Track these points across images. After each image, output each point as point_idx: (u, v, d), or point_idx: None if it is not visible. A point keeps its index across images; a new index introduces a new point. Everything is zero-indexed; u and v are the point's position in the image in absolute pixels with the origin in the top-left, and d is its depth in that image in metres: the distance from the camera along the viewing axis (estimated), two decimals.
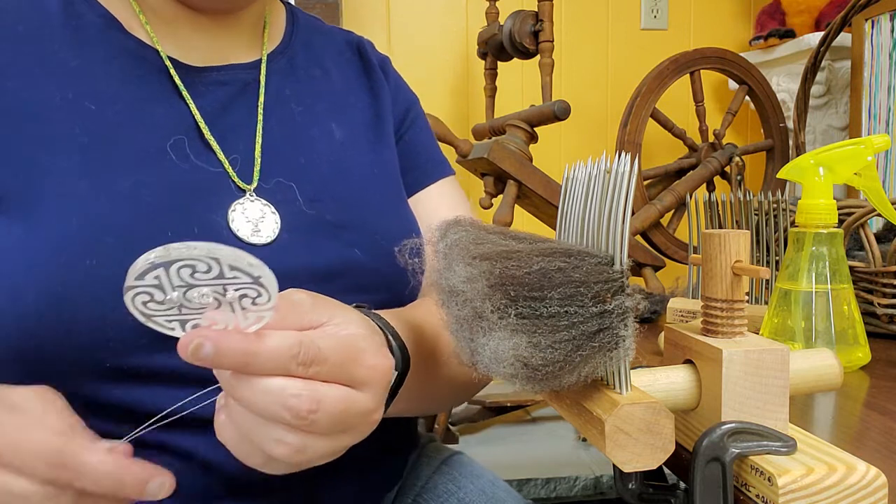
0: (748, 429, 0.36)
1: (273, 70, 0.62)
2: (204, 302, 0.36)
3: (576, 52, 1.94)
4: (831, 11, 1.67)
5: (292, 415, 0.36)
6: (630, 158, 0.36)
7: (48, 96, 0.52)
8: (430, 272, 0.44)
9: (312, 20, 0.71)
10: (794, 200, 0.67)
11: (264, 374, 0.36)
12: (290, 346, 0.36)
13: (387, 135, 0.68)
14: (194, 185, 0.54)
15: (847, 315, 0.60)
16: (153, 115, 0.55)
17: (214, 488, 0.53)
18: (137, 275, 0.35)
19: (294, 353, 0.36)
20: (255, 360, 0.35)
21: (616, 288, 0.35)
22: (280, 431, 0.36)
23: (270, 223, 0.55)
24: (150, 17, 0.58)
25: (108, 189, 0.50)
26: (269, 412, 0.36)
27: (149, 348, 0.49)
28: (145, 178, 0.52)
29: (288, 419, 0.36)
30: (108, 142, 0.52)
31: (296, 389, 0.36)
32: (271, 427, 0.36)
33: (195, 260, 0.35)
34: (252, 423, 0.37)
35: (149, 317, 0.37)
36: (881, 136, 0.59)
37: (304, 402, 0.36)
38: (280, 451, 0.37)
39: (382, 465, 0.65)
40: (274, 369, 0.36)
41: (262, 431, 0.37)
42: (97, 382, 0.50)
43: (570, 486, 1.47)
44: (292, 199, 0.57)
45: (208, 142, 0.56)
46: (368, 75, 0.70)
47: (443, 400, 0.66)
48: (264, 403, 0.36)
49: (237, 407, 0.37)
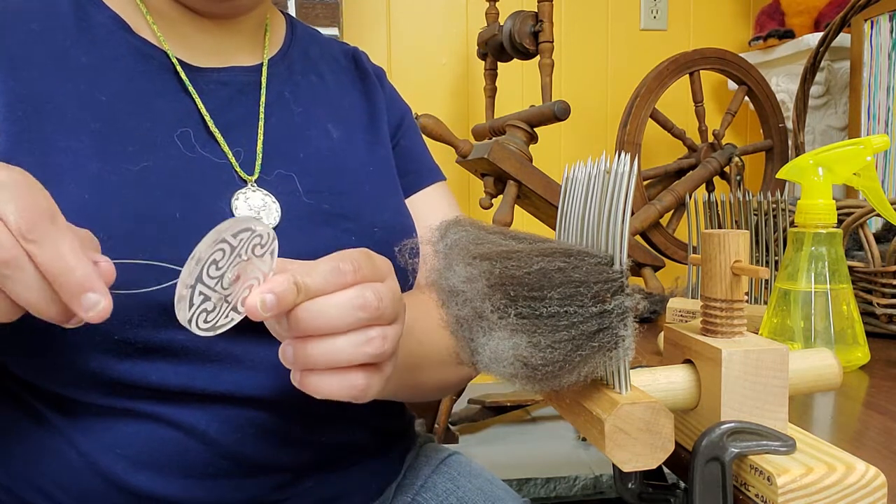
0: (747, 428, 0.36)
1: (273, 74, 0.65)
2: (233, 277, 0.38)
3: (576, 53, 1.95)
4: (830, 12, 1.67)
5: (367, 312, 0.40)
6: (630, 158, 0.36)
7: (61, 88, 0.54)
8: (424, 272, 0.44)
9: (310, 30, 0.74)
10: (794, 200, 0.67)
11: (324, 293, 0.40)
12: (332, 264, 0.40)
13: (382, 136, 0.70)
14: (200, 173, 0.56)
15: (846, 315, 0.60)
16: (161, 109, 0.57)
17: (216, 465, 0.54)
18: (186, 306, 0.37)
19: (337, 266, 0.40)
20: (311, 285, 0.39)
21: (616, 288, 0.35)
22: (362, 334, 0.41)
23: (272, 212, 0.57)
24: (156, 18, 0.60)
25: (118, 170, 0.53)
26: (347, 321, 0.40)
27: (155, 322, 0.51)
28: (153, 164, 0.54)
29: (364, 317, 0.40)
30: (117, 130, 0.55)
31: (356, 292, 0.40)
32: (352, 336, 0.40)
33: (211, 255, 0.37)
34: (337, 347, 0.40)
35: (214, 328, 0.39)
36: (880, 137, 0.59)
37: (370, 298, 0.40)
38: (373, 347, 0.41)
39: (381, 453, 0.66)
40: (328, 287, 0.40)
41: (347, 346, 0.40)
42: (104, 356, 0.51)
43: (569, 486, 1.47)
44: (292, 189, 0.59)
45: (213, 134, 0.58)
46: (363, 81, 0.73)
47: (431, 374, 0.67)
48: (339, 316, 0.40)
49: (316, 347, 0.40)
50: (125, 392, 0.52)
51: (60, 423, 0.54)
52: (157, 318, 0.51)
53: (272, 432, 0.56)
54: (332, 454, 0.60)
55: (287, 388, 0.55)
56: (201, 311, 0.38)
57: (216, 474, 0.54)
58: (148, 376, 0.52)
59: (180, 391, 0.53)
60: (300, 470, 0.58)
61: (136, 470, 0.53)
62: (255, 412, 0.55)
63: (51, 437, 0.54)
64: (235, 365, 0.54)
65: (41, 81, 0.54)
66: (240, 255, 0.38)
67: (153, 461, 0.53)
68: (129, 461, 0.53)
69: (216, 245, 0.37)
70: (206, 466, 0.54)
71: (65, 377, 0.53)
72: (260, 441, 0.55)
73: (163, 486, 0.53)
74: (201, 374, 0.53)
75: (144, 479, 0.53)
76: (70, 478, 0.53)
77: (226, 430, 0.54)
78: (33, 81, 0.54)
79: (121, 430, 0.53)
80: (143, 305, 0.50)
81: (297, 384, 0.42)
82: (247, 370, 0.54)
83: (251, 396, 0.54)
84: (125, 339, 0.51)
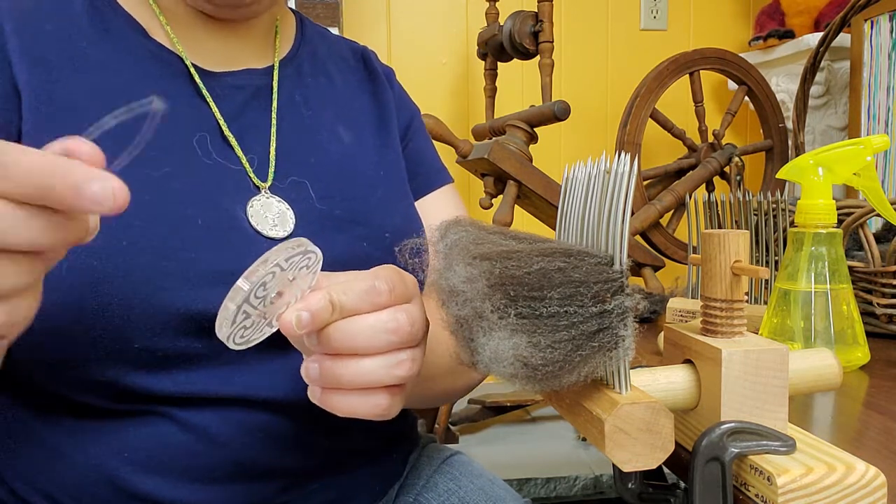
0: (747, 428, 0.36)
1: (284, 76, 0.65)
2: (275, 296, 0.39)
3: (576, 53, 1.94)
4: (830, 12, 1.67)
5: (399, 336, 0.40)
6: (630, 158, 0.36)
7: (78, 89, 0.54)
8: (430, 272, 0.44)
9: (318, 29, 0.74)
10: (794, 200, 0.67)
11: (359, 313, 0.40)
12: (368, 283, 0.40)
13: (392, 139, 0.70)
14: (218, 179, 0.56)
15: (846, 315, 0.60)
16: (178, 113, 0.57)
17: (223, 469, 0.54)
18: (229, 324, 0.37)
19: (373, 286, 0.40)
20: (346, 304, 0.39)
21: (616, 288, 0.35)
22: (393, 357, 0.40)
23: (287, 219, 0.57)
24: (169, 20, 0.60)
25: (140, 176, 0.52)
26: (379, 343, 0.40)
27: (175, 330, 0.51)
28: (174, 170, 0.54)
29: (396, 341, 0.40)
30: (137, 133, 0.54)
31: (390, 315, 0.40)
32: (382, 358, 0.40)
33: (263, 277, 0.37)
34: (366, 368, 0.40)
35: (248, 342, 0.39)
36: (880, 137, 0.59)
37: (403, 322, 0.40)
38: (402, 370, 0.41)
39: (385, 456, 0.66)
40: (363, 307, 0.40)
41: (377, 368, 0.40)
42: (122, 364, 0.51)
43: (569, 486, 1.47)
44: (305, 196, 0.59)
45: (228, 141, 0.58)
46: (372, 82, 0.72)
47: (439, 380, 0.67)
48: (372, 337, 0.40)
49: (346, 367, 0.40)
50: (138, 398, 0.52)
51: (69, 426, 0.54)
52: (178, 326, 0.51)
53: (280, 436, 0.56)
54: (338, 458, 0.60)
55: (297, 393, 0.55)
56: (240, 327, 0.38)
57: (223, 478, 0.54)
58: (163, 382, 0.52)
59: (191, 395, 0.53)
60: (306, 473, 0.58)
61: (143, 474, 0.53)
62: (264, 416, 0.55)
63: (59, 440, 0.54)
64: (247, 368, 0.54)
65: (60, 82, 0.54)
66: (287, 275, 0.38)
67: (161, 465, 0.53)
68: (136, 465, 0.53)
69: (270, 268, 0.37)
70: (213, 470, 0.54)
71: (80, 384, 0.52)
72: (268, 445, 0.55)
73: (169, 490, 0.53)
74: (214, 379, 0.53)
75: (151, 483, 0.53)
76: (77, 481, 0.53)
77: (234, 433, 0.54)
78: (53, 81, 0.53)
79: (129, 433, 0.53)
80: (166, 313, 0.50)
81: (317, 400, 0.42)
82: (258, 373, 0.54)
83: (261, 400, 0.54)
84: (146, 348, 0.51)
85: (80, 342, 0.50)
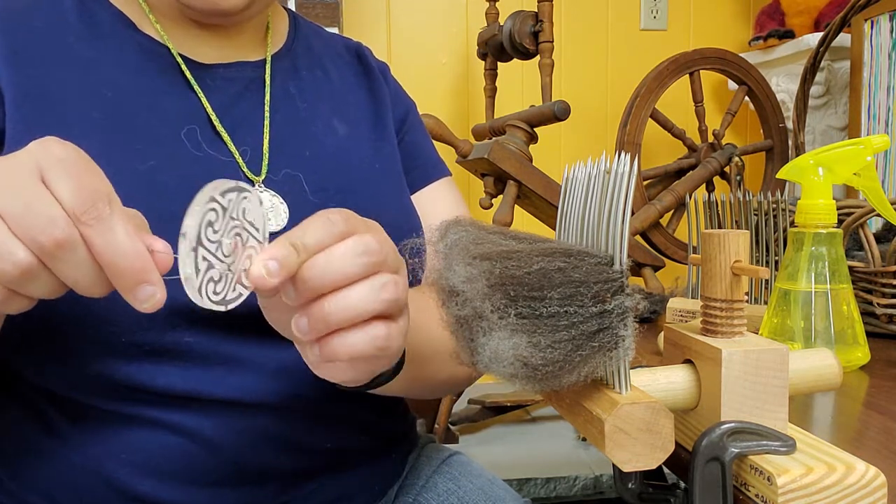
0: (747, 428, 0.36)
1: (277, 70, 0.64)
2: (231, 245, 0.38)
3: (576, 53, 1.94)
4: (831, 12, 1.67)
5: (372, 256, 0.39)
6: (629, 158, 0.36)
7: (66, 83, 0.54)
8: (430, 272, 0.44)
9: (313, 26, 0.73)
10: (794, 200, 0.67)
11: (324, 247, 0.38)
12: (321, 218, 0.39)
13: (388, 133, 0.69)
14: (207, 172, 0.55)
15: (846, 315, 0.60)
16: (167, 106, 0.57)
17: (220, 471, 0.54)
18: (193, 272, 0.36)
19: (327, 218, 0.39)
20: (309, 242, 0.38)
21: (616, 288, 0.35)
22: (375, 280, 0.39)
23: (280, 213, 0.57)
24: (158, 16, 0.59)
25: (126, 169, 0.52)
26: (355, 268, 0.39)
27: (163, 324, 0.51)
28: (161, 163, 0.54)
29: (371, 262, 0.39)
30: (124, 127, 0.54)
31: (356, 240, 0.39)
32: (365, 283, 0.39)
33: (205, 215, 0.36)
34: (353, 297, 0.38)
35: (224, 302, 0.38)
36: (880, 137, 0.59)
37: (371, 242, 0.39)
38: (388, 292, 0.39)
39: (385, 456, 0.66)
40: (326, 240, 0.39)
41: (363, 294, 0.39)
42: (109, 357, 0.51)
43: (569, 486, 1.47)
44: (299, 189, 0.59)
45: (220, 133, 0.58)
46: (367, 77, 0.72)
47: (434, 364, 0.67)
48: (347, 265, 0.38)
49: (332, 303, 0.38)
50: (131, 396, 0.52)
51: (66, 428, 0.54)
52: (165, 320, 0.51)
53: (277, 438, 0.55)
54: (335, 458, 0.60)
55: (292, 394, 0.55)
56: (208, 279, 0.36)
57: (220, 481, 0.54)
58: (154, 379, 0.52)
59: (186, 396, 0.53)
60: (304, 474, 0.58)
61: (140, 476, 0.53)
62: (261, 418, 0.55)
63: (56, 442, 0.54)
64: (241, 369, 0.54)
65: (47, 77, 0.54)
66: (232, 216, 0.37)
67: (158, 468, 0.53)
68: (133, 467, 0.53)
69: (208, 204, 0.36)
70: (210, 473, 0.54)
71: (70, 378, 0.52)
72: (265, 447, 0.55)
73: (167, 492, 0.53)
74: (207, 378, 0.53)
75: (149, 485, 0.53)
76: (74, 483, 0.53)
77: (231, 436, 0.54)
78: (39, 77, 0.53)
79: (126, 436, 0.53)
80: None
81: (317, 360, 0.40)
82: (253, 374, 0.54)
83: (257, 402, 0.54)
84: (132, 342, 0.51)
85: (68, 334, 0.50)
